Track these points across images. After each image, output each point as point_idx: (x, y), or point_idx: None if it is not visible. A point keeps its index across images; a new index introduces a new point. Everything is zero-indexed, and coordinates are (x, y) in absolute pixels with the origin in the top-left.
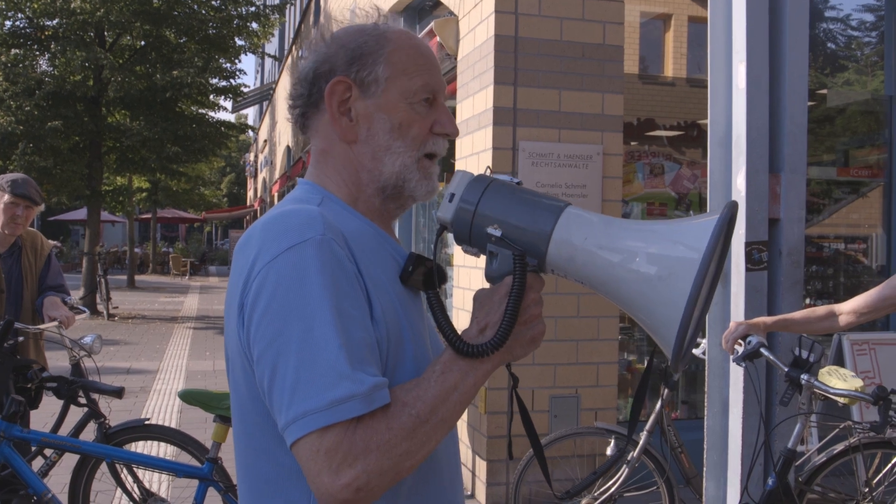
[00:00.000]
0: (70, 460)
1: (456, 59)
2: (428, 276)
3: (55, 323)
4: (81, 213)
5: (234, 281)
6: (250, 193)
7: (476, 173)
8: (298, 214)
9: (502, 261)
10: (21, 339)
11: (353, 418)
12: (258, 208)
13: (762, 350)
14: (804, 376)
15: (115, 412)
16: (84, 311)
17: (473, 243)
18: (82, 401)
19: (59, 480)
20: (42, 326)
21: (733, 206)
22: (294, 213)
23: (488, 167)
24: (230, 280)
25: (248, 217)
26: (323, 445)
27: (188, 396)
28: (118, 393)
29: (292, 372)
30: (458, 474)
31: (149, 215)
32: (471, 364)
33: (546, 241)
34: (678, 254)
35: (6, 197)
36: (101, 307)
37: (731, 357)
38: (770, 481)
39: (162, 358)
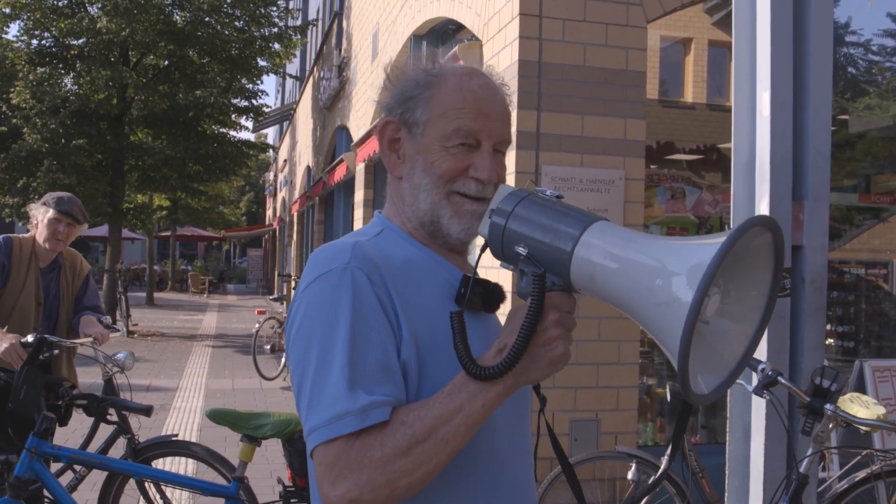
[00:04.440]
0: (97, 474)
1: None
2: (465, 295)
3: (90, 339)
4: (101, 231)
5: None
6: (269, 212)
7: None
8: (332, 247)
9: (528, 279)
10: (56, 352)
11: (353, 434)
12: (277, 227)
13: (780, 379)
14: (829, 406)
15: (140, 429)
16: (118, 330)
17: (507, 259)
18: (112, 418)
19: (82, 496)
20: (76, 341)
21: (763, 220)
22: (329, 247)
23: (531, 180)
24: None
25: (266, 236)
26: (326, 458)
27: (216, 416)
28: (147, 411)
29: (308, 390)
30: (530, 480)
31: (168, 233)
32: (481, 386)
33: (568, 259)
34: (682, 277)
35: (50, 212)
36: (120, 324)
37: (750, 387)
38: None
39: (181, 376)
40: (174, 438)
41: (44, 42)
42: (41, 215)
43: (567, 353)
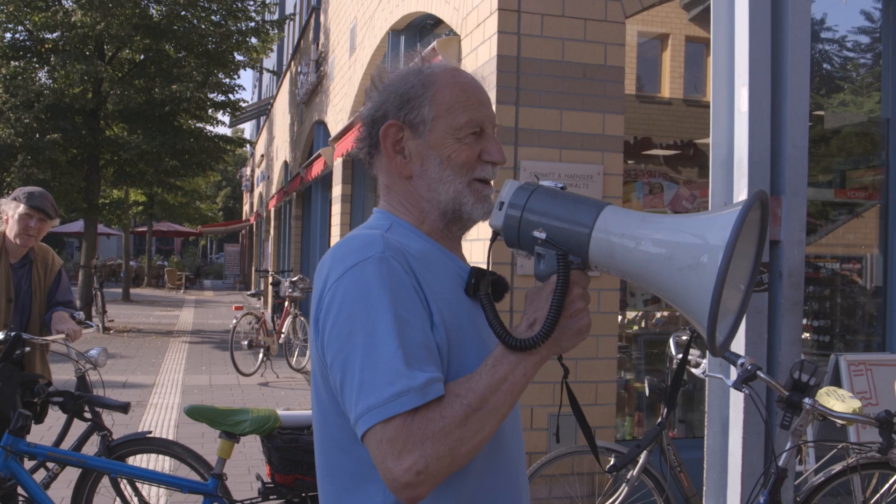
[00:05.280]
0: (70, 472)
1: None
2: (483, 282)
3: (62, 336)
4: (76, 226)
5: (313, 299)
6: (246, 208)
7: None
8: (361, 237)
9: (548, 261)
10: (28, 349)
11: (411, 410)
12: (254, 223)
13: (759, 373)
14: (807, 400)
15: (113, 426)
16: (91, 326)
17: (523, 246)
18: (87, 415)
19: (57, 494)
20: (49, 338)
21: (761, 195)
22: (357, 237)
23: (536, 175)
24: (312, 299)
25: (243, 231)
26: (386, 435)
27: (194, 412)
28: (124, 408)
29: (358, 374)
30: (522, 459)
31: (144, 228)
32: (520, 357)
33: (587, 240)
34: (704, 243)
35: (21, 208)
36: (96, 320)
37: (729, 382)
38: (762, 499)
39: (158, 372)
40: (148, 435)
41: (17, 36)
42: (12, 210)
43: (590, 324)
